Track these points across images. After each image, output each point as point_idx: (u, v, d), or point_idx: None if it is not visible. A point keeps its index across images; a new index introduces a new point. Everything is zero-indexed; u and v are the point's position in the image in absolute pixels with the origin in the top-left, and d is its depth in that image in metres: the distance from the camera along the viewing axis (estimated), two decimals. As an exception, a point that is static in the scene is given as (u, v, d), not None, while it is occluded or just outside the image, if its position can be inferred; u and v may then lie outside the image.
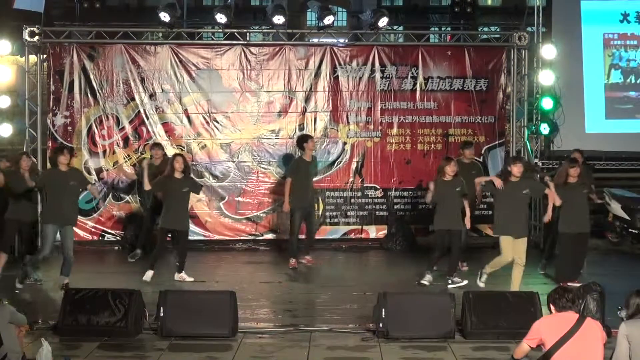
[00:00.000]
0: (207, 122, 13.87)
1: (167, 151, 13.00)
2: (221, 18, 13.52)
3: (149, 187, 10.99)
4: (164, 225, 10.92)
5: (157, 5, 14.53)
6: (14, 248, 12.01)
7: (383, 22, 13.65)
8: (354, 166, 14.02)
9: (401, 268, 11.71)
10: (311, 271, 11.99)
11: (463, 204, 10.68)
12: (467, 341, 8.18)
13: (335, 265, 12.93)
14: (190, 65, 13.84)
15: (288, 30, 14.41)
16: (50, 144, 13.40)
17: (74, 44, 13.69)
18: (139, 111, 13.75)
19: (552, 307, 5.96)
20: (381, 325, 8.18)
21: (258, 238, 13.90)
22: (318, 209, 13.78)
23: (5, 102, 13.65)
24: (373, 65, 13.97)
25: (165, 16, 13.28)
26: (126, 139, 13.76)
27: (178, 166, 10.67)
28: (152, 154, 12.55)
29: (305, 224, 12.25)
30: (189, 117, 13.84)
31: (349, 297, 10.06)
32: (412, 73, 14.00)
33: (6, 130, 13.75)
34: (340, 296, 10.17)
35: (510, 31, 14.45)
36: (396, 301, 8.35)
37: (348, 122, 14.01)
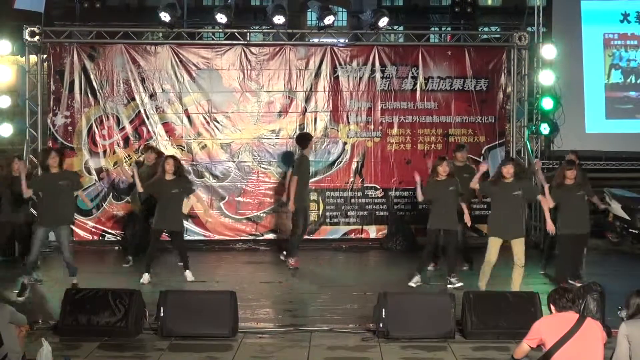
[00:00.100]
0: (208, 122, 13.87)
1: (167, 151, 12.98)
2: (221, 18, 13.52)
3: (142, 189, 11.03)
4: (157, 226, 10.96)
5: (158, 5, 14.50)
6: (14, 249, 12.05)
7: (383, 22, 13.65)
8: (354, 166, 14.03)
9: (401, 268, 11.69)
10: (311, 271, 11.98)
11: (459, 204, 10.66)
12: (467, 341, 8.19)
13: (335, 265, 12.93)
14: (190, 65, 13.85)
15: (288, 30, 14.42)
16: (50, 144, 13.40)
17: (75, 44, 13.69)
18: (140, 111, 13.76)
19: (553, 307, 5.97)
20: (381, 325, 8.19)
21: (258, 238, 13.91)
22: (318, 209, 13.80)
23: (5, 102, 13.68)
24: (373, 65, 13.97)
25: (165, 16, 13.29)
26: (126, 139, 13.76)
27: (169, 168, 10.72)
28: (145, 158, 12.46)
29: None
30: (190, 117, 13.84)
31: (349, 297, 10.06)
32: (413, 73, 14.00)
33: (6, 130, 13.77)
34: (340, 296, 10.17)
35: (510, 31, 14.44)
36: (396, 301, 8.36)
37: (348, 122, 14.01)
